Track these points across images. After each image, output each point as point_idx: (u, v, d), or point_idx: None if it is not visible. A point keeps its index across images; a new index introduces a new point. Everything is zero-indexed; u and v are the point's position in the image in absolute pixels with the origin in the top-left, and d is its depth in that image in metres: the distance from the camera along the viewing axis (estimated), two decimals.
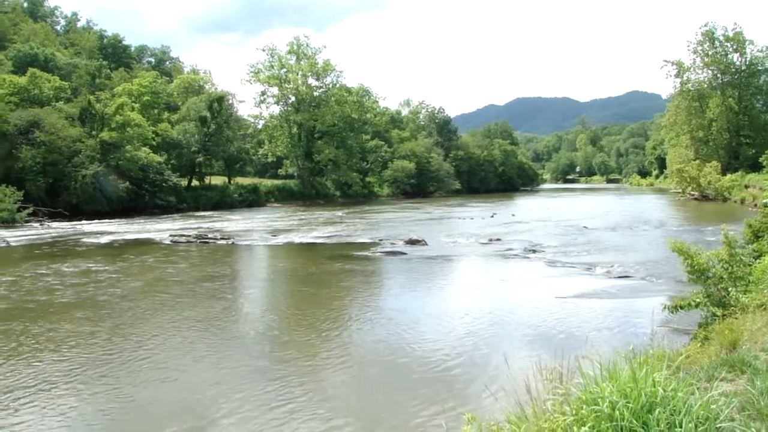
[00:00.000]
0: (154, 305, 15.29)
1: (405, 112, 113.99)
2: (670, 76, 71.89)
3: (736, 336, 6.32)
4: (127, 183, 45.96)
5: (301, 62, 74.70)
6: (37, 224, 37.94)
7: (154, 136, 54.40)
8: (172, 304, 15.56)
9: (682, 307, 10.54)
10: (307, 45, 75.58)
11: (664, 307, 10.92)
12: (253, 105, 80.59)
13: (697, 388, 3.81)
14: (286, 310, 15.51)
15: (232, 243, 28.61)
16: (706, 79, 70.98)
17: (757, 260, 11.30)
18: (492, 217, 42.79)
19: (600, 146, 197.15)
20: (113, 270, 20.48)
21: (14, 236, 30.93)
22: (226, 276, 20.37)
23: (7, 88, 49.97)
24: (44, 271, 20.02)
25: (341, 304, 15.80)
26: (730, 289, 9.93)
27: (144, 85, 64.77)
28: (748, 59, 69.53)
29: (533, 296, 15.91)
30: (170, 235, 30.63)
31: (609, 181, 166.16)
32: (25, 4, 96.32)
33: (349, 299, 16.54)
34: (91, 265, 21.56)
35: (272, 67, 74.69)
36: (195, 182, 61.27)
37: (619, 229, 32.49)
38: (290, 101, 75.12)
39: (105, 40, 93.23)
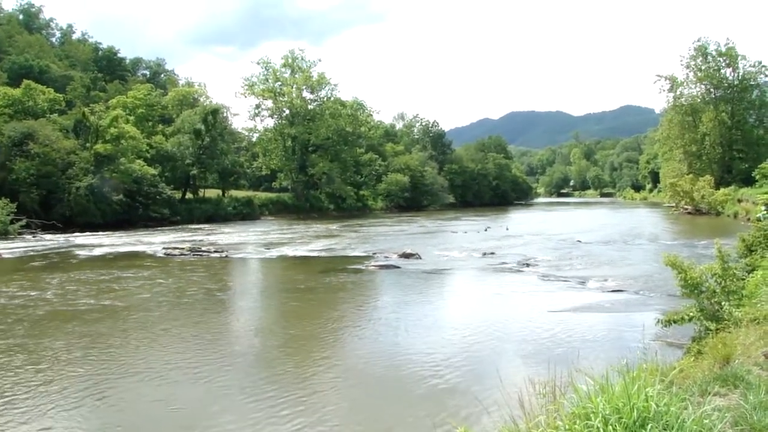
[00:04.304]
0: (146, 318, 15.17)
1: (399, 125, 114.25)
2: (664, 90, 72.70)
3: (729, 350, 6.31)
4: (121, 195, 45.81)
5: (296, 75, 74.90)
6: (30, 236, 37.75)
7: (148, 148, 54.33)
8: (165, 317, 15.46)
9: (675, 321, 10.55)
10: (302, 58, 75.93)
11: (658, 321, 10.93)
12: (247, 118, 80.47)
13: (690, 403, 3.78)
14: (279, 324, 15.46)
15: (226, 256, 28.50)
16: (699, 93, 71.69)
17: (750, 274, 11.32)
18: (486, 230, 42.84)
19: (594, 160, 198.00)
20: (105, 283, 20.34)
21: (7, 248, 30.73)
22: (219, 289, 20.28)
23: (2, 99, 49.92)
24: (33, 284, 19.86)
25: (334, 318, 15.74)
26: (723, 303, 9.94)
27: (138, 97, 64.86)
28: (740, 74, 70.29)
29: (527, 310, 15.89)
30: (163, 248, 30.49)
31: (603, 195, 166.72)
32: (21, 16, 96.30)
33: (342, 313, 16.49)
34: (82, 277, 21.41)
35: (267, 80, 74.87)
36: (189, 195, 61.05)
37: (613, 243, 32.56)
38: (285, 114, 75.27)
39: (100, 53, 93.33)
